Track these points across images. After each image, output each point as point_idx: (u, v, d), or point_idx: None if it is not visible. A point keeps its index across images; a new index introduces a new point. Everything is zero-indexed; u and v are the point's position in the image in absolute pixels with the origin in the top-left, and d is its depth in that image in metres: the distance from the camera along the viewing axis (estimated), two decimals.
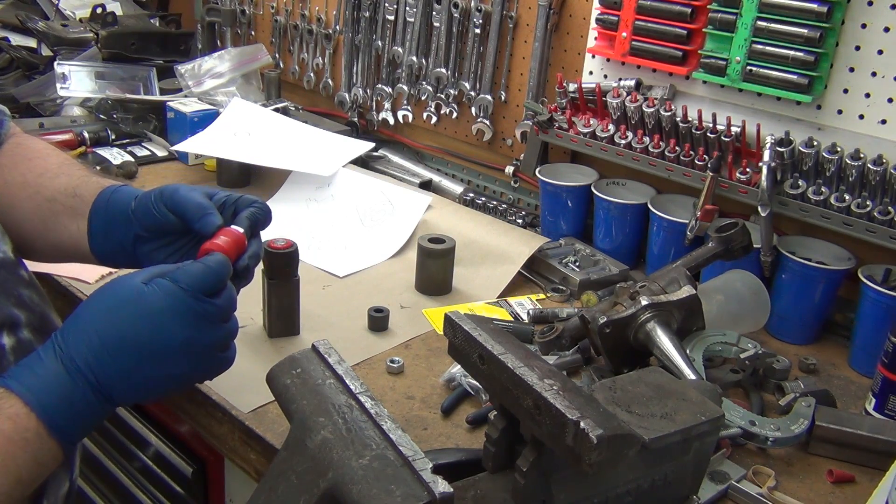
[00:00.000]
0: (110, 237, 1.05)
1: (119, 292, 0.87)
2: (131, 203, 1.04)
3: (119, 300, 0.86)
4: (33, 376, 0.81)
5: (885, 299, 1.38)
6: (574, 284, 1.63)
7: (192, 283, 0.87)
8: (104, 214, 1.05)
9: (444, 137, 2.21)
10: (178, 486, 1.50)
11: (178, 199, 1.00)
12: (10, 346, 0.91)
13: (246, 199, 1.04)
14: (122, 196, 1.05)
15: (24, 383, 0.80)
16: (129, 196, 1.05)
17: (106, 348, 0.84)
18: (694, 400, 0.95)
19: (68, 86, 2.24)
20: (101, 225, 1.05)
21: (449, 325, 0.93)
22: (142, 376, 0.86)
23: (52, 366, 0.82)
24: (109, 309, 0.86)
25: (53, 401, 0.81)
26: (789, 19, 1.45)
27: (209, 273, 0.89)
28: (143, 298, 0.85)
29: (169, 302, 0.86)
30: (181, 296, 0.86)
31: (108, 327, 0.84)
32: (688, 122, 1.59)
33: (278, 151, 2.00)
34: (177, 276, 0.88)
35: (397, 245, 1.74)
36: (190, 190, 1.01)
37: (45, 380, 0.81)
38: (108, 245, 1.06)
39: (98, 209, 1.05)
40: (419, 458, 0.79)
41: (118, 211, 1.04)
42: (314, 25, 2.42)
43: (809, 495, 1.12)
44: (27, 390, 0.80)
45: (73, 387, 0.82)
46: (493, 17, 1.97)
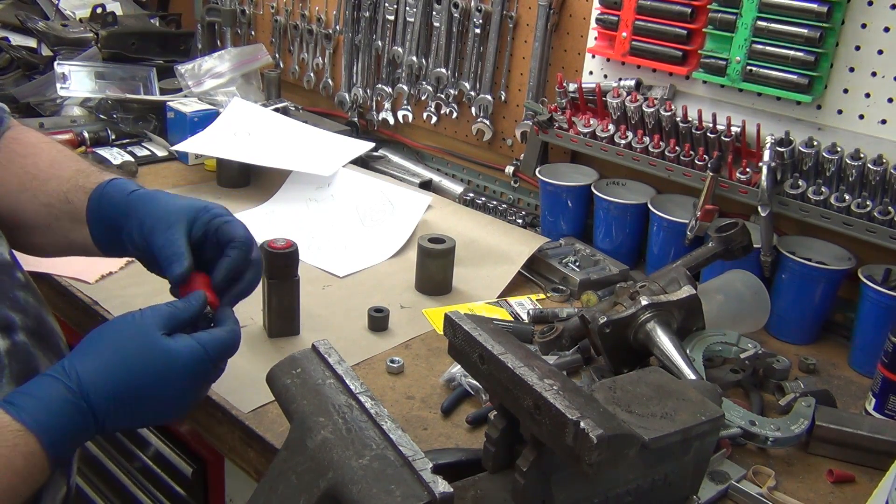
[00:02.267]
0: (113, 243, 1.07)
1: (145, 345, 0.88)
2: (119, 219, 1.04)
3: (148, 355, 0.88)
4: (48, 415, 0.82)
5: (885, 299, 1.38)
6: (574, 284, 1.63)
7: (217, 353, 0.92)
8: (100, 225, 1.06)
9: (444, 137, 2.21)
10: (178, 486, 1.50)
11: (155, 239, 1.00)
12: (5, 350, 0.91)
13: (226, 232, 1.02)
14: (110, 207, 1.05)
15: (40, 422, 0.81)
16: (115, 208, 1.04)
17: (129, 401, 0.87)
18: (694, 400, 0.95)
19: (68, 86, 2.24)
20: (101, 233, 1.06)
21: (449, 325, 0.93)
22: (141, 419, 0.91)
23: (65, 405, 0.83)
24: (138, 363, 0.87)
25: (64, 439, 0.83)
26: (789, 19, 1.45)
27: (230, 343, 0.94)
28: (173, 359, 0.88)
29: (195, 367, 0.90)
30: (206, 364, 0.91)
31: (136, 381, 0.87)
32: (688, 122, 1.59)
33: (278, 151, 2.00)
34: (206, 342, 0.91)
35: (397, 245, 1.74)
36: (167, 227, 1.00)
37: (60, 420, 0.82)
38: (113, 249, 1.08)
39: (93, 219, 1.06)
40: (419, 458, 0.79)
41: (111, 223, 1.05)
42: (314, 25, 2.42)
43: (809, 495, 1.12)
44: (43, 430, 0.81)
45: (84, 424, 0.84)
46: (493, 17, 1.97)
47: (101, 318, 1.42)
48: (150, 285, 1.51)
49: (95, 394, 0.84)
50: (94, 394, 0.84)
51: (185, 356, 0.88)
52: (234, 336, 0.95)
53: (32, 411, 0.81)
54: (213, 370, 0.92)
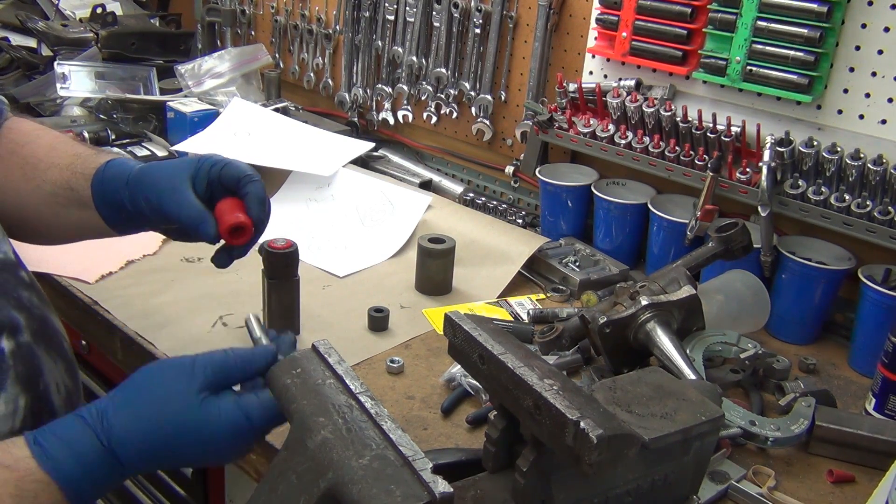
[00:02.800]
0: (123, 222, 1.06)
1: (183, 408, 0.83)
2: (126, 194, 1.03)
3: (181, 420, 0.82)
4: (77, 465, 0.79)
5: (885, 299, 1.38)
6: (574, 284, 1.63)
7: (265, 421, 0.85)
8: (106, 207, 1.05)
9: (444, 137, 2.21)
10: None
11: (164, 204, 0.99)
12: (9, 350, 0.91)
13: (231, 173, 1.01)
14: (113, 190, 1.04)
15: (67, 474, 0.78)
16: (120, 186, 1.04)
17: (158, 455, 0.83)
18: (694, 400, 0.95)
19: (68, 86, 2.24)
20: (109, 214, 1.06)
21: (449, 325, 0.93)
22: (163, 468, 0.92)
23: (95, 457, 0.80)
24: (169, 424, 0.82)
25: (89, 491, 0.80)
26: (789, 19, 1.45)
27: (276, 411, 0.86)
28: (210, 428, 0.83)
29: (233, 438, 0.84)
30: (248, 434, 0.85)
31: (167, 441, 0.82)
32: (688, 122, 1.59)
33: (278, 151, 2.00)
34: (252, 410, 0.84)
35: (397, 245, 1.74)
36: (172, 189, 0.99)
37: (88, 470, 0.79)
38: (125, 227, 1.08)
39: (99, 202, 1.05)
40: (419, 458, 0.79)
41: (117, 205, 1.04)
42: (314, 25, 2.42)
43: (809, 495, 1.12)
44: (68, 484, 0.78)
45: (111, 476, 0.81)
46: (493, 17, 1.97)
47: (100, 318, 1.42)
48: (150, 285, 1.53)
49: (125, 452, 0.81)
50: (124, 452, 0.81)
51: (225, 427, 0.83)
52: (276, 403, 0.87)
53: (60, 459, 0.78)
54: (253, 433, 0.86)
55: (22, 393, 0.91)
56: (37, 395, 0.93)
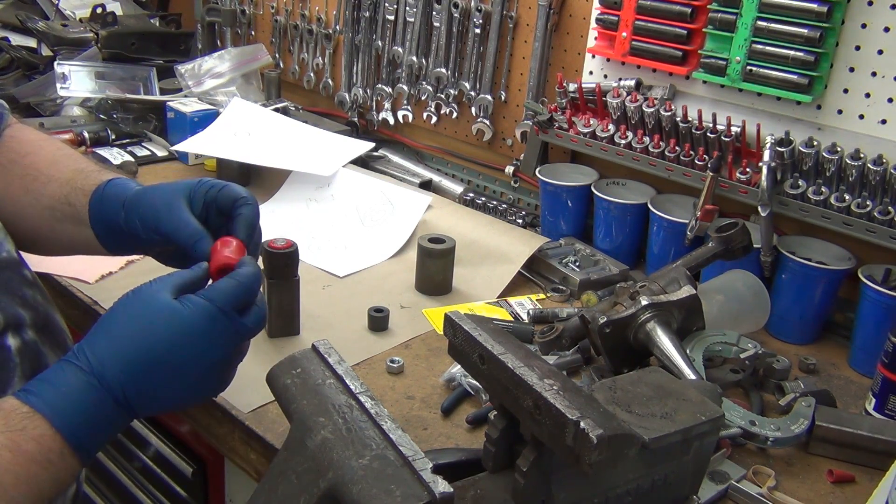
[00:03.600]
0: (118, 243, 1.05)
1: (152, 310, 0.84)
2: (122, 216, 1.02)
3: (154, 319, 0.83)
4: (58, 395, 0.78)
5: (885, 299, 1.38)
6: (574, 284, 1.63)
7: (226, 302, 0.85)
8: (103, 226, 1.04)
9: (444, 137, 2.21)
10: (178, 486, 1.50)
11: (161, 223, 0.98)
12: (16, 348, 0.91)
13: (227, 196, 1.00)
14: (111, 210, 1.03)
15: (49, 402, 0.78)
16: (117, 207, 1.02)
17: (142, 368, 0.82)
18: (694, 400, 0.95)
19: (68, 86, 2.24)
20: (104, 233, 1.05)
21: (449, 325, 0.93)
22: (170, 394, 0.85)
23: (77, 383, 0.79)
24: (144, 328, 0.83)
25: (79, 420, 0.79)
26: (789, 19, 1.45)
27: (241, 289, 0.87)
28: (180, 318, 0.83)
29: (206, 323, 0.84)
30: (218, 316, 0.85)
31: (146, 347, 0.82)
32: (688, 122, 1.59)
33: (278, 151, 2.00)
34: (212, 295, 0.85)
35: (397, 245, 1.74)
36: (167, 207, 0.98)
37: (70, 399, 0.79)
38: (119, 248, 1.06)
39: (95, 221, 1.04)
40: (419, 458, 0.79)
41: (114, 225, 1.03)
42: (314, 25, 2.42)
43: (809, 495, 1.12)
44: (53, 411, 0.77)
45: (101, 404, 0.80)
46: (493, 17, 1.97)
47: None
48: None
49: (105, 367, 0.80)
50: (103, 368, 0.80)
51: (190, 314, 0.83)
52: (244, 281, 0.87)
53: (41, 393, 0.78)
54: (232, 322, 0.85)
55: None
56: None
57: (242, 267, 0.90)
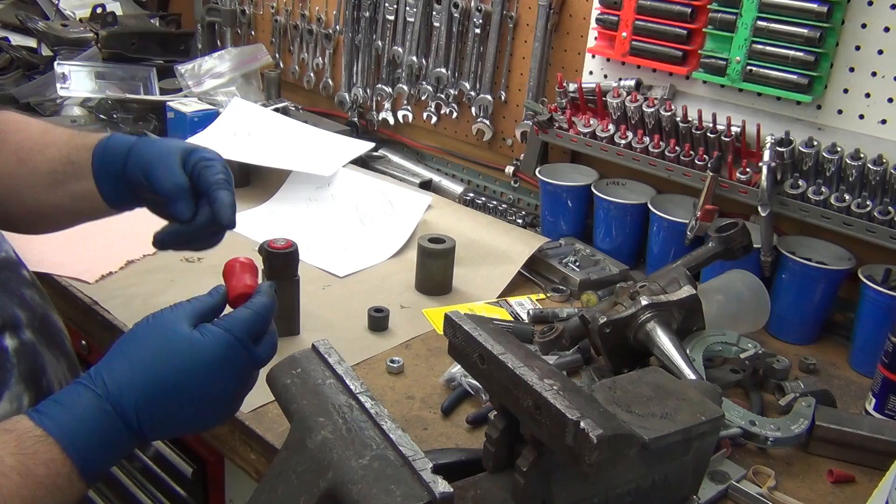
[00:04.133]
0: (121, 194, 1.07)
1: (171, 339, 0.84)
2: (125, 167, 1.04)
3: (173, 349, 0.83)
4: (73, 420, 0.78)
5: (885, 299, 1.38)
6: (574, 284, 1.63)
7: (244, 332, 0.86)
8: (107, 176, 1.06)
9: (444, 137, 2.21)
10: (178, 486, 1.50)
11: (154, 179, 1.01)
12: (13, 349, 0.91)
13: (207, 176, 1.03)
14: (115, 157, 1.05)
15: (63, 427, 0.77)
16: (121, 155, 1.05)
17: (159, 397, 0.82)
18: (694, 400, 0.95)
19: (68, 86, 2.24)
20: (109, 184, 1.06)
21: (449, 325, 0.93)
22: (181, 421, 0.85)
23: (92, 409, 0.79)
24: (163, 357, 0.83)
25: (91, 445, 0.78)
26: (789, 19, 1.45)
27: (257, 319, 0.88)
28: (199, 349, 0.83)
29: (224, 353, 0.84)
30: (236, 347, 0.85)
31: (164, 376, 0.82)
32: (688, 122, 1.59)
33: (278, 151, 2.00)
34: (230, 325, 0.86)
35: (397, 245, 1.74)
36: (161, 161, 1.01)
37: (85, 424, 0.78)
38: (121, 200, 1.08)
39: (100, 172, 1.06)
40: (419, 458, 0.79)
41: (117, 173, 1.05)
42: (314, 25, 2.42)
43: (809, 495, 1.12)
44: (65, 435, 0.77)
45: (114, 430, 0.80)
46: (493, 17, 1.97)
47: (100, 318, 1.42)
48: (150, 285, 1.53)
49: (123, 395, 0.80)
50: (121, 395, 0.80)
51: (208, 343, 0.83)
52: (260, 310, 0.89)
53: (55, 416, 0.77)
54: (248, 352, 0.86)
55: (26, 391, 0.91)
56: (40, 393, 0.93)
57: (258, 296, 0.91)
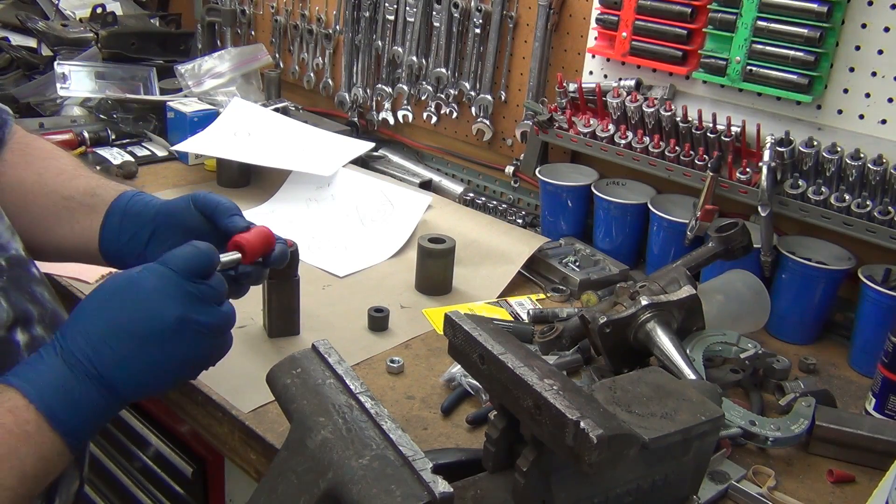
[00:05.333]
0: (123, 232, 1.06)
1: (112, 283, 0.87)
2: (154, 203, 1.07)
3: (112, 290, 0.87)
4: (33, 371, 0.81)
5: (885, 299, 1.38)
6: (574, 284, 1.63)
7: (180, 264, 0.87)
8: (122, 212, 1.07)
9: (444, 137, 2.21)
10: (178, 486, 1.50)
11: (210, 199, 1.04)
12: (24, 343, 0.92)
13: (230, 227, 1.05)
14: (144, 197, 1.09)
15: (24, 377, 0.81)
16: (150, 198, 1.09)
17: (101, 336, 0.83)
18: (694, 400, 0.95)
19: (68, 86, 2.24)
20: (117, 220, 1.07)
21: (449, 325, 0.93)
22: (141, 362, 0.84)
23: (51, 360, 0.82)
24: (103, 300, 0.86)
25: (52, 393, 0.80)
26: (789, 19, 1.45)
27: (197, 255, 0.89)
28: (135, 284, 0.86)
29: (159, 283, 0.86)
30: (170, 276, 0.86)
31: (103, 316, 0.85)
32: (688, 122, 1.59)
33: (278, 151, 2.00)
34: (165, 259, 0.88)
35: (397, 245, 1.74)
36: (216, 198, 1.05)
37: (43, 374, 0.81)
38: (118, 241, 1.07)
39: (116, 207, 1.08)
40: (419, 458, 0.79)
41: (138, 209, 1.07)
42: (314, 25, 2.42)
43: (809, 495, 1.12)
44: (26, 383, 0.80)
45: (74, 379, 0.81)
46: (493, 17, 1.97)
47: None
48: None
49: (69, 340, 0.83)
50: (69, 341, 0.83)
51: (141, 276, 0.86)
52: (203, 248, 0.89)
53: (17, 370, 0.81)
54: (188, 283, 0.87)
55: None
56: None
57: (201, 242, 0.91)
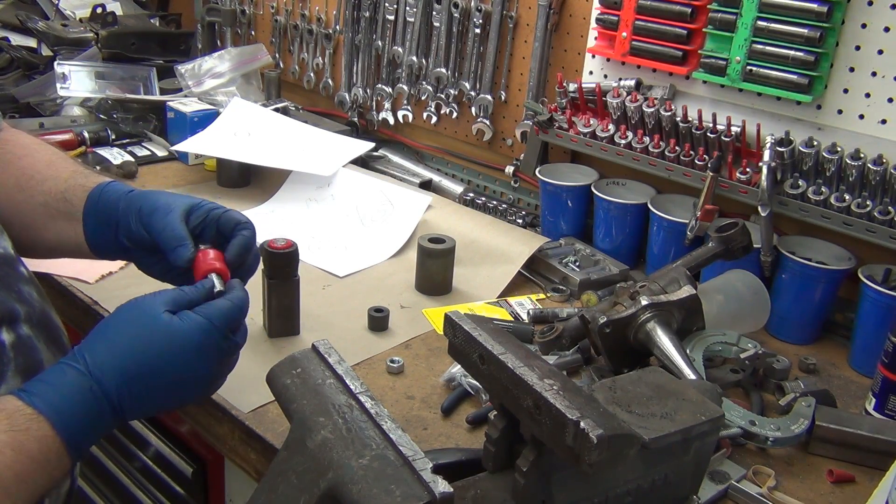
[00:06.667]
0: (106, 240, 1.08)
1: (149, 323, 0.88)
2: (119, 208, 1.05)
3: (153, 333, 0.88)
4: (61, 399, 0.82)
5: (885, 299, 1.38)
6: (574, 284, 1.63)
7: (223, 322, 0.91)
8: (95, 220, 1.07)
9: (444, 137, 2.21)
10: (178, 486, 1.50)
11: (154, 224, 1.02)
12: (10, 343, 0.92)
13: (229, 219, 1.05)
14: (109, 202, 1.07)
15: (52, 406, 0.81)
16: (115, 202, 1.06)
17: (138, 379, 0.86)
18: (694, 400, 0.95)
19: (68, 86, 2.24)
20: (95, 228, 1.07)
21: (449, 325, 0.93)
22: (160, 402, 0.90)
23: (79, 388, 0.83)
24: (143, 341, 0.87)
25: (78, 423, 0.82)
26: (789, 19, 1.45)
27: (235, 310, 0.93)
28: (177, 333, 0.88)
29: (201, 339, 0.89)
30: (213, 334, 0.90)
31: (144, 359, 0.87)
32: (688, 122, 1.59)
33: (278, 151, 2.00)
34: (209, 313, 0.91)
35: (397, 245, 1.74)
36: (165, 210, 1.02)
37: (71, 402, 0.82)
38: (105, 247, 1.09)
39: (89, 214, 1.07)
40: (419, 458, 0.79)
41: (108, 218, 1.06)
42: (314, 25, 2.42)
43: (809, 495, 1.12)
44: (55, 414, 0.81)
45: (98, 409, 0.84)
46: (493, 17, 1.97)
47: (100, 318, 1.42)
48: (149, 286, 1.51)
49: (105, 375, 0.84)
50: (103, 375, 0.84)
51: (187, 329, 0.88)
52: (238, 303, 0.94)
53: (44, 395, 0.81)
54: (224, 341, 0.91)
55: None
56: None
57: (234, 290, 0.96)
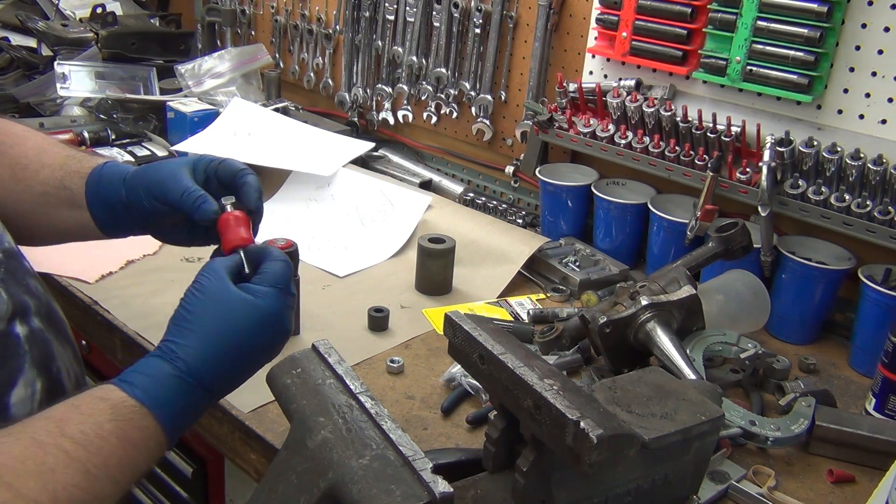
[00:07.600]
0: (118, 224, 1.07)
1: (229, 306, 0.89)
2: (122, 193, 1.05)
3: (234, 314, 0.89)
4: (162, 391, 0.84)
5: (885, 299, 1.38)
6: (574, 284, 1.63)
7: (285, 282, 0.93)
8: (102, 209, 1.06)
9: (444, 137, 2.21)
10: (178, 486, 1.50)
11: (169, 194, 1.01)
12: (24, 335, 0.93)
13: (227, 167, 1.05)
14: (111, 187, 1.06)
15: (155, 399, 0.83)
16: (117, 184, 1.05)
17: (230, 362, 0.88)
18: (694, 400, 0.95)
19: (68, 86, 2.24)
20: (104, 216, 1.06)
21: (449, 325, 0.93)
22: (247, 376, 0.92)
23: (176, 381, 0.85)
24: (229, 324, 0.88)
25: (178, 413, 0.85)
26: (789, 19, 1.45)
27: (288, 268, 0.95)
28: (258, 309, 0.89)
29: (279, 306, 0.91)
30: (286, 298, 0.92)
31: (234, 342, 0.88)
32: (688, 122, 1.59)
33: (278, 151, 2.00)
34: (275, 280, 0.92)
35: (397, 245, 1.74)
36: (172, 176, 1.02)
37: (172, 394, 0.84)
38: (118, 230, 1.09)
39: (94, 203, 1.06)
40: (419, 458, 0.79)
41: (115, 203, 1.05)
42: (314, 25, 2.42)
43: (809, 495, 1.12)
44: (158, 407, 0.83)
45: (196, 400, 0.86)
46: (493, 17, 1.97)
47: (100, 318, 1.42)
48: (150, 285, 1.53)
49: (205, 370, 0.86)
50: (204, 370, 0.86)
51: (263, 302, 0.89)
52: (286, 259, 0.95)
53: (145, 387, 0.83)
54: (291, 298, 0.94)
55: (38, 376, 0.93)
56: (51, 379, 0.95)
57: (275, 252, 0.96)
